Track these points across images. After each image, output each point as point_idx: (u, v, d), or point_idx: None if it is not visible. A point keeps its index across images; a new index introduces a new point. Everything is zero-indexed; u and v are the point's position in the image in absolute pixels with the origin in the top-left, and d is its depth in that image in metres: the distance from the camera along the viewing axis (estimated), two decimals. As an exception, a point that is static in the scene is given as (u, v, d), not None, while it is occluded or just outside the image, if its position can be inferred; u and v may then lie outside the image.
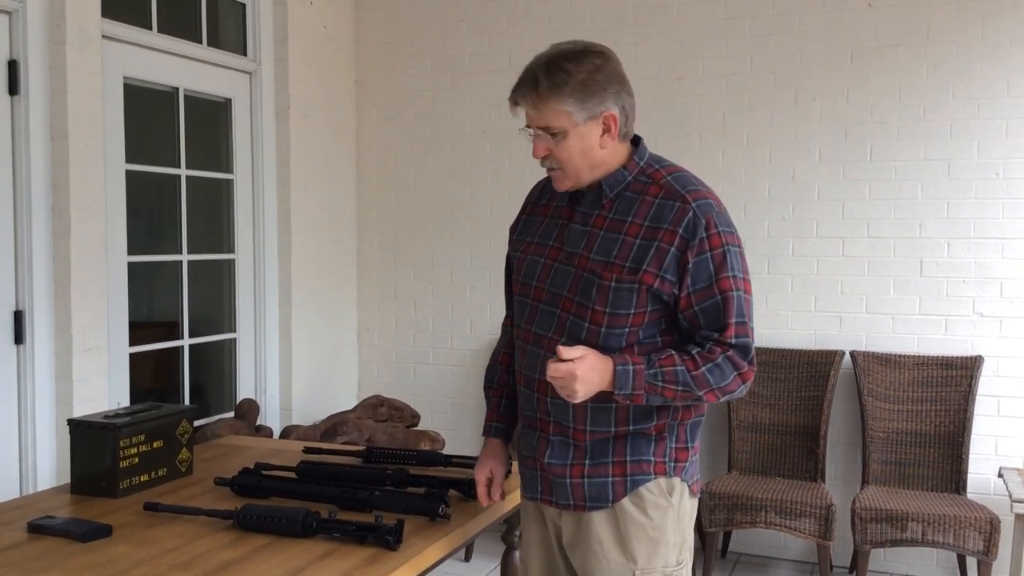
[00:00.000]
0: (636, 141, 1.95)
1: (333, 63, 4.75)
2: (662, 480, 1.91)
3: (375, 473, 2.38)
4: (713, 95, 4.35)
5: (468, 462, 2.53)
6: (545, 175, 1.99)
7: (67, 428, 2.35)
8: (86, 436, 2.33)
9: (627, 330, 1.84)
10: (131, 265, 3.65)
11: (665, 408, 1.89)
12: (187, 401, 4.06)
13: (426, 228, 4.85)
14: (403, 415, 4.47)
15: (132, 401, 3.66)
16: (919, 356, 4.05)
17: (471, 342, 4.76)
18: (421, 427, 4.49)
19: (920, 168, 4.08)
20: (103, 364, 3.40)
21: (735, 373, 1.83)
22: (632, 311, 1.83)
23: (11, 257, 3.16)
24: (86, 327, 3.30)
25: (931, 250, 4.08)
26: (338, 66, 4.80)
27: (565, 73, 1.80)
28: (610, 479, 1.89)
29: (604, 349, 1.82)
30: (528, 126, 1.88)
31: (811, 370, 4.14)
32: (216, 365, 4.35)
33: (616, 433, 1.89)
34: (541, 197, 2.05)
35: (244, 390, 4.34)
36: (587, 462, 1.89)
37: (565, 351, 1.75)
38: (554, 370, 1.75)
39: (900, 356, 4.07)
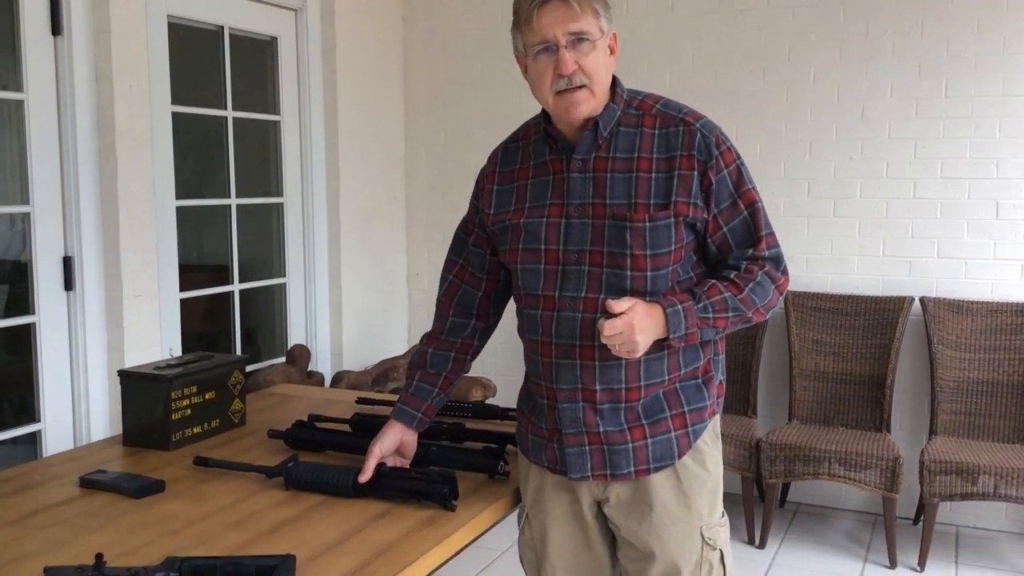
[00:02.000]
0: None
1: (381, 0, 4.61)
2: (710, 423, 1.85)
3: (430, 427, 2.30)
4: (778, 28, 4.13)
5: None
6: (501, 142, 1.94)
7: (119, 377, 2.30)
8: (137, 388, 2.27)
9: (670, 268, 1.75)
10: (179, 209, 3.59)
11: (708, 344, 1.82)
12: (239, 346, 4.02)
13: (476, 170, 4.71)
14: (454, 361, 4.40)
15: (184, 347, 3.63)
16: (993, 303, 3.87)
17: (523, 287, 4.63)
18: (472, 373, 4.43)
19: (999, 104, 3.84)
20: (154, 310, 3.36)
21: (773, 287, 1.80)
22: (672, 247, 1.73)
23: (58, 202, 3.11)
24: (136, 273, 3.26)
25: (1008, 191, 3.86)
26: (385, 2, 4.65)
27: None
28: (673, 434, 1.80)
29: (652, 294, 1.73)
30: (544, 45, 1.69)
31: (878, 317, 3.98)
32: (267, 310, 4.31)
33: (668, 382, 1.79)
34: (505, 163, 1.90)
35: (295, 335, 4.30)
36: (645, 422, 1.78)
37: (615, 304, 1.63)
38: (610, 327, 1.63)
39: (973, 303, 3.89)
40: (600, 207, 1.74)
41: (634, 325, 1.63)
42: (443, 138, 4.80)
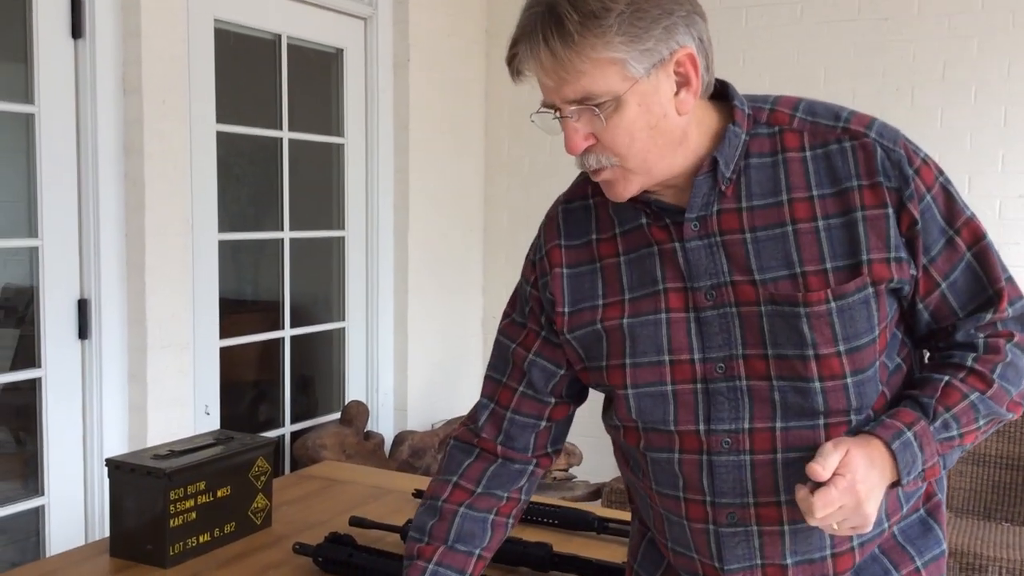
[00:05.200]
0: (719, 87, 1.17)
1: (461, 8, 4.12)
2: None
3: (508, 549, 1.72)
4: (930, 39, 3.49)
5: (625, 530, 1.86)
6: (569, 194, 1.28)
7: (106, 468, 1.78)
8: (127, 484, 1.74)
9: (877, 364, 1.12)
10: (222, 244, 3.11)
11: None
12: (287, 401, 3.51)
13: (564, 202, 4.16)
14: (535, 422, 3.82)
15: (223, 402, 3.13)
16: None
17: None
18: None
19: None
20: (185, 362, 2.87)
21: None
22: (875, 333, 1.10)
23: (75, 235, 2.64)
24: (164, 319, 2.77)
25: None
26: (467, 12, 4.16)
27: None
28: None
29: (858, 411, 1.11)
30: (548, 106, 1.11)
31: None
32: (323, 358, 3.81)
33: (887, 529, 1.18)
34: (575, 233, 1.24)
35: (354, 388, 3.78)
36: None
37: (820, 467, 1.01)
38: (823, 504, 1.00)
39: None
40: (747, 287, 1.11)
41: (857, 490, 1.01)
42: (527, 165, 4.27)
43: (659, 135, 1.09)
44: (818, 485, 1.01)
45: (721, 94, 1.15)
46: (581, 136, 1.09)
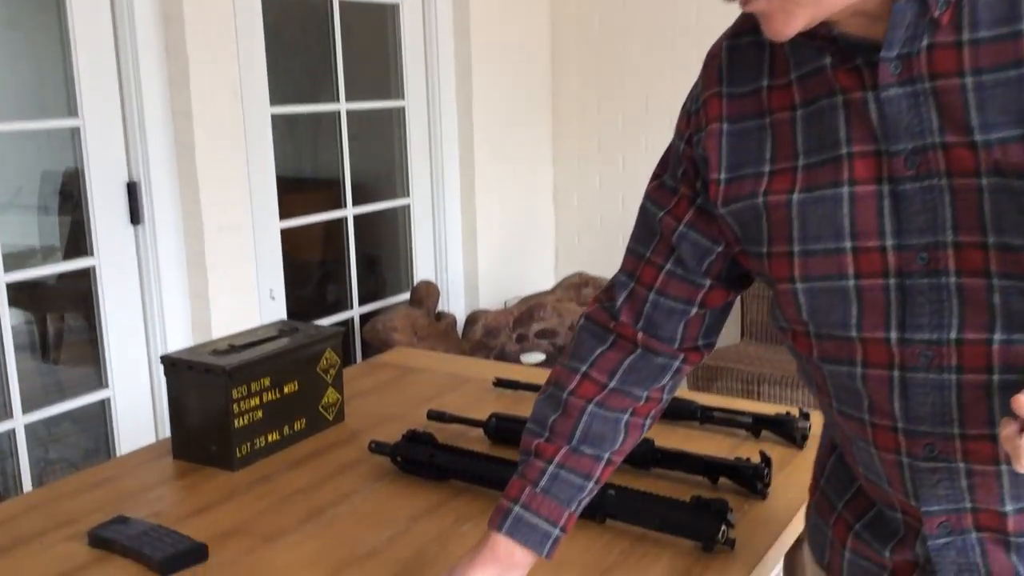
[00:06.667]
0: None
1: None
2: None
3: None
4: None
5: (738, 419, 1.67)
6: (727, 36, 0.97)
7: (162, 365, 1.64)
8: (186, 383, 1.60)
9: None
10: (275, 119, 2.89)
11: None
12: (355, 282, 3.36)
13: (639, 62, 3.83)
14: (613, 298, 3.63)
15: (289, 284, 2.99)
16: None
17: (695, 205, 3.78)
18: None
19: None
20: (245, 245, 2.71)
21: None
22: None
23: (117, 113, 2.45)
24: (219, 201, 2.59)
25: None
26: None
27: None
28: None
29: None
30: None
31: None
32: (389, 235, 3.64)
33: None
34: (740, 78, 0.95)
35: (422, 265, 3.61)
36: None
37: None
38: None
39: None
40: (963, 152, 0.81)
41: None
42: (598, 21, 3.93)
43: None
44: None
45: None
46: None
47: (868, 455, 0.94)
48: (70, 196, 2.69)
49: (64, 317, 2.96)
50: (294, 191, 3.17)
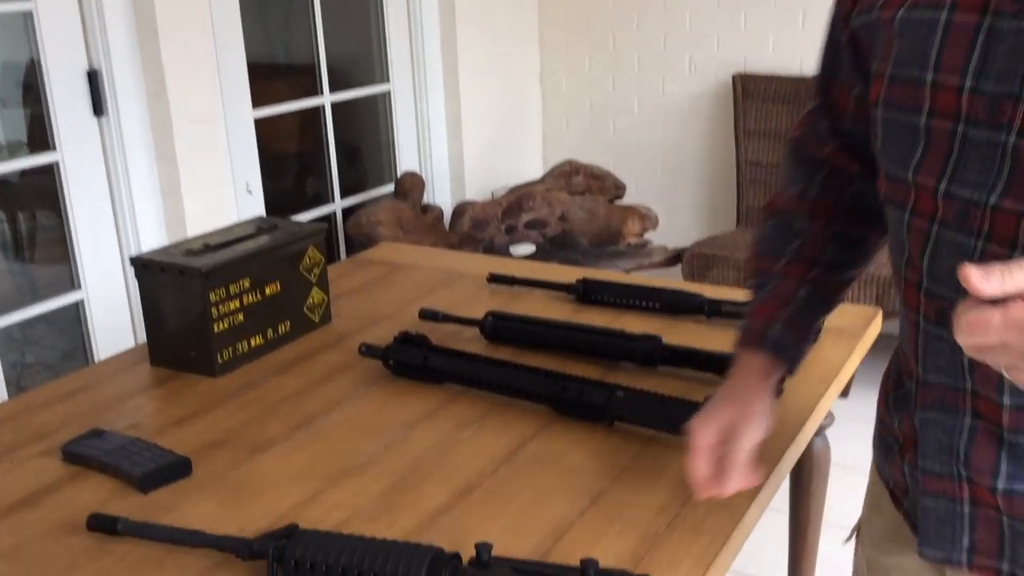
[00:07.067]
0: None
1: None
2: None
3: (607, 342, 1.47)
4: None
5: (745, 311, 1.58)
6: None
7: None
8: (160, 285, 1.49)
9: None
10: (244, 1, 2.71)
11: None
12: (335, 173, 3.22)
13: (628, -68, 3.62)
14: (604, 186, 3.51)
15: (265, 178, 2.85)
16: None
17: (690, 84, 3.63)
18: (626, 200, 3.54)
19: None
20: (217, 137, 2.57)
21: None
22: None
23: (72, -8, 2.26)
24: (188, 89, 2.43)
25: None
26: None
27: None
28: None
29: None
30: None
31: None
32: (370, 124, 3.48)
33: None
34: None
35: (406, 156, 3.47)
36: None
37: (982, 278, 0.61)
38: (976, 326, 0.63)
39: None
40: None
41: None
42: None
43: None
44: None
45: None
46: None
47: (903, 314, 0.91)
48: (32, 88, 2.52)
49: (36, 216, 2.82)
50: (267, 78, 2.99)
